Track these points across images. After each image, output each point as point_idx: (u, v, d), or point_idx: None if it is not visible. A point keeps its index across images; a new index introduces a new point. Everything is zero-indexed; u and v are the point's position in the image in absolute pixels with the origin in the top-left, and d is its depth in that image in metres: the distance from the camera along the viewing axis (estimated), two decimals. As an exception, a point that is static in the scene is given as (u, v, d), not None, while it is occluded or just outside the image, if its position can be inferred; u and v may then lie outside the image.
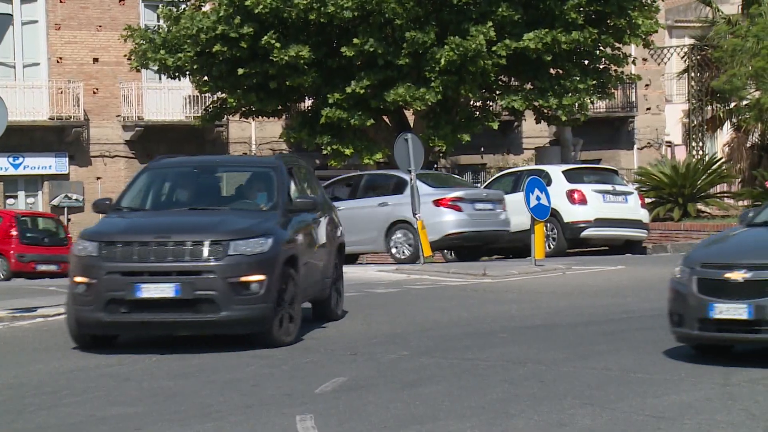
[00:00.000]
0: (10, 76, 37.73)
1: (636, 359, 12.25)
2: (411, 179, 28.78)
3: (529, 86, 32.88)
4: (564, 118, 34.08)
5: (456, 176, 36.40)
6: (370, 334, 14.94)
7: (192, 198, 15.64)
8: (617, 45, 34.01)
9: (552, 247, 26.20)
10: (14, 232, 33.72)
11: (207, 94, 35.60)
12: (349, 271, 26.93)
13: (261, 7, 29.85)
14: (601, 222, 27.70)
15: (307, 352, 13.61)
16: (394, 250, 27.95)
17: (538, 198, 24.42)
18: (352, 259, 28.13)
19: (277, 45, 30.31)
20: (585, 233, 27.59)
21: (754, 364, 11.68)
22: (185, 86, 37.15)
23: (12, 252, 33.19)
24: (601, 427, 9.23)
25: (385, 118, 33.24)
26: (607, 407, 9.92)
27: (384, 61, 30.70)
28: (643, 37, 34.23)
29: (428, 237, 26.40)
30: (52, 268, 32.67)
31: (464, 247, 29.72)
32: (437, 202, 27.64)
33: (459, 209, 27.90)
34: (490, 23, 30.23)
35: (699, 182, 35.79)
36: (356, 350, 13.45)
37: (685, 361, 11.99)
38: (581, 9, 31.06)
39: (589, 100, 33.91)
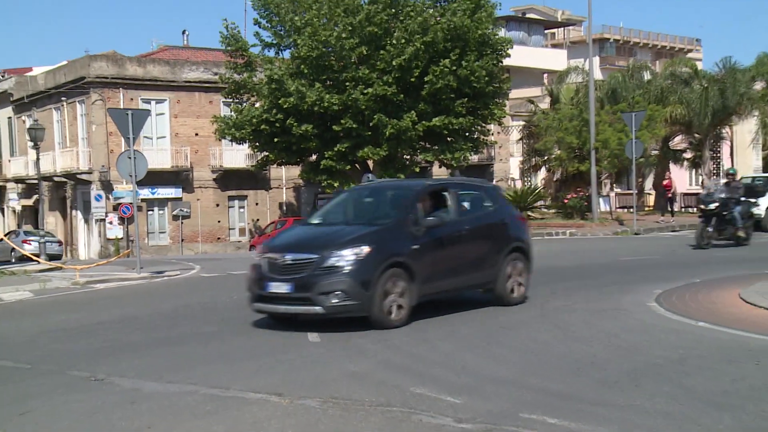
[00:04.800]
0: (149, 144, 37.42)
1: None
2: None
3: (435, 147, 32.87)
4: (455, 165, 34.10)
5: None
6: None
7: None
8: (484, 125, 34.10)
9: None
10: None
11: (257, 153, 35.34)
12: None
13: (287, 104, 29.83)
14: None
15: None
16: None
17: (441, 209, 24.46)
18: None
19: (295, 124, 30.25)
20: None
21: (562, 300, 11.68)
22: (245, 148, 36.88)
23: None
24: (477, 332, 9.24)
25: (356, 165, 33.13)
26: (478, 322, 9.95)
27: (356, 133, 30.67)
28: (498, 120, 34.40)
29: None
30: None
31: None
32: None
33: None
34: (413, 112, 30.26)
35: (528, 200, 36.00)
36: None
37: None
38: (464, 105, 31.19)
39: (468, 155, 34.00)
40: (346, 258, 9.29)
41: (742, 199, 20.34)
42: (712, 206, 19.53)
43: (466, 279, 10.59)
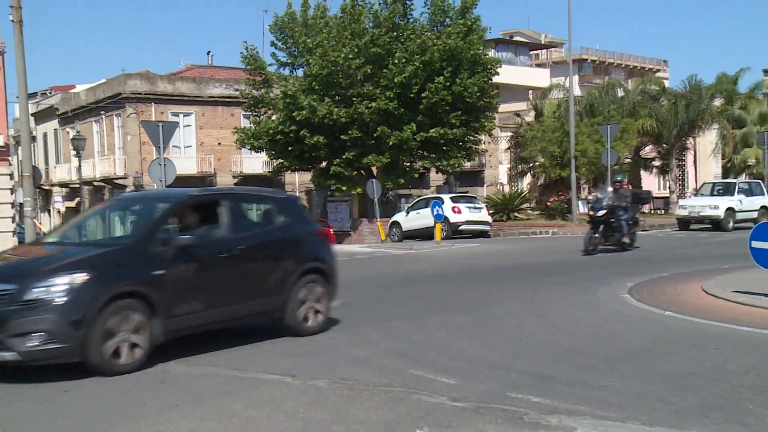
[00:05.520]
0: (178, 152, 37.41)
1: (486, 290, 12.24)
2: (374, 202, 28.74)
3: (432, 155, 32.84)
4: (450, 171, 34.07)
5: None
6: (354, 277, 14.87)
7: None
8: (475, 135, 34.08)
9: (445, 234, 26.13)
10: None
11: (274, 160, 35.34)
12: (341, 247, 26.89)
13: (300, 117, 29.86)
14: (468, 222, 27.67)
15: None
16: None
17: (437, 210, 24.44)
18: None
19: (307, 135, 30.27)
20: (460, 228, 27.56)
21: (546, 293, 11.65)
22: (263, 156, 36.91)
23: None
24: (470, 322, 9.22)
25: (362, 171, 33.12)
26: (471, 313, 9.93)
27: (362, 142, 30.67)
28: (488, 131, 34.36)
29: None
30: None
31: None
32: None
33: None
34: (413, 124, 30.24)
35: (515, 202, 35.96)
36: (348, 286, 13.39)
37: (511, 288, 11.98)
38: (458, 117, 31.15)
39: (462, 162, 33.96)
40: (53, 289, 6.58)
41: (629, 205, 18.66)
42: (601, 213, 17.91)
43: (240, 308, 7.93)
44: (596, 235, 17.91)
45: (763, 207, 26.67)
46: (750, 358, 6.96)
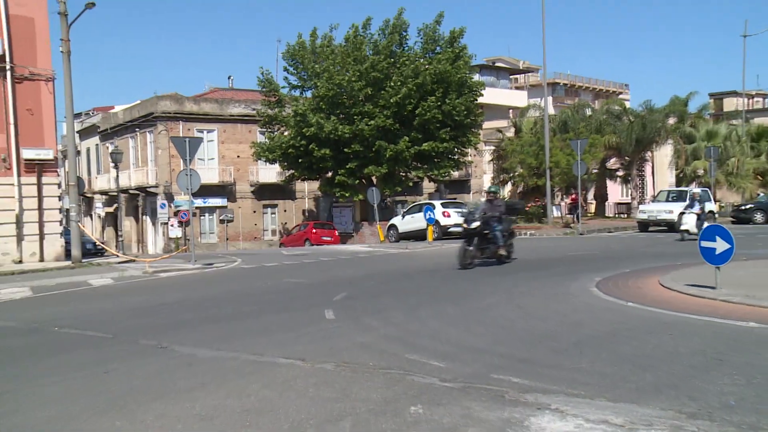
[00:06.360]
0: (202, 164, 37.40)
1: (472, 284, 12.25)
2: (374, 207, 28.74)
3: (425, 166, 32.86)
4: (440, 180, 34.13)
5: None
6: (357, 274, 14.87)
7: None
8: (463, 149, 34.10)
9: (436, 235, 26.03)
10: (314, 229, 33.60)
11: (286, 170, 35.33)
12: (345, 247, 26.86)
13: (309, 133, 29.91)
14: (457, 225, 27.51)
15: (328, 283, 13.51)
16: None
17: (430, 214, 24.39)
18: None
19: (315, 148, 30.32)
20: (450, 230, 27.50)
21: (524, 287, 11.68)
22: (276, 167, 36.93)
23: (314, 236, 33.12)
24: (458, 313, 9.24)
25: (363, 180, 33.12)
26: (459, 305, 9.95)
27: (363, 155, 30.70)
28: (474, 145, 34.43)
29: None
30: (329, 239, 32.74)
31: None
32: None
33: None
34: (407, 139, 30.31)
35: (497, 207, 35.87)
36: (351, 282, 13.39)
37: (493, 282, 11.98)
38: (447, 133, 31.22)
39: (451, 172, 33.96)
40: None
41: (504, 216, 15.82)
42: (474, 225, 15.19)
43: None
44: (470, 248, 15.09)
45: (710, 212, 26.75)
46: (698, 342, 7.00)
